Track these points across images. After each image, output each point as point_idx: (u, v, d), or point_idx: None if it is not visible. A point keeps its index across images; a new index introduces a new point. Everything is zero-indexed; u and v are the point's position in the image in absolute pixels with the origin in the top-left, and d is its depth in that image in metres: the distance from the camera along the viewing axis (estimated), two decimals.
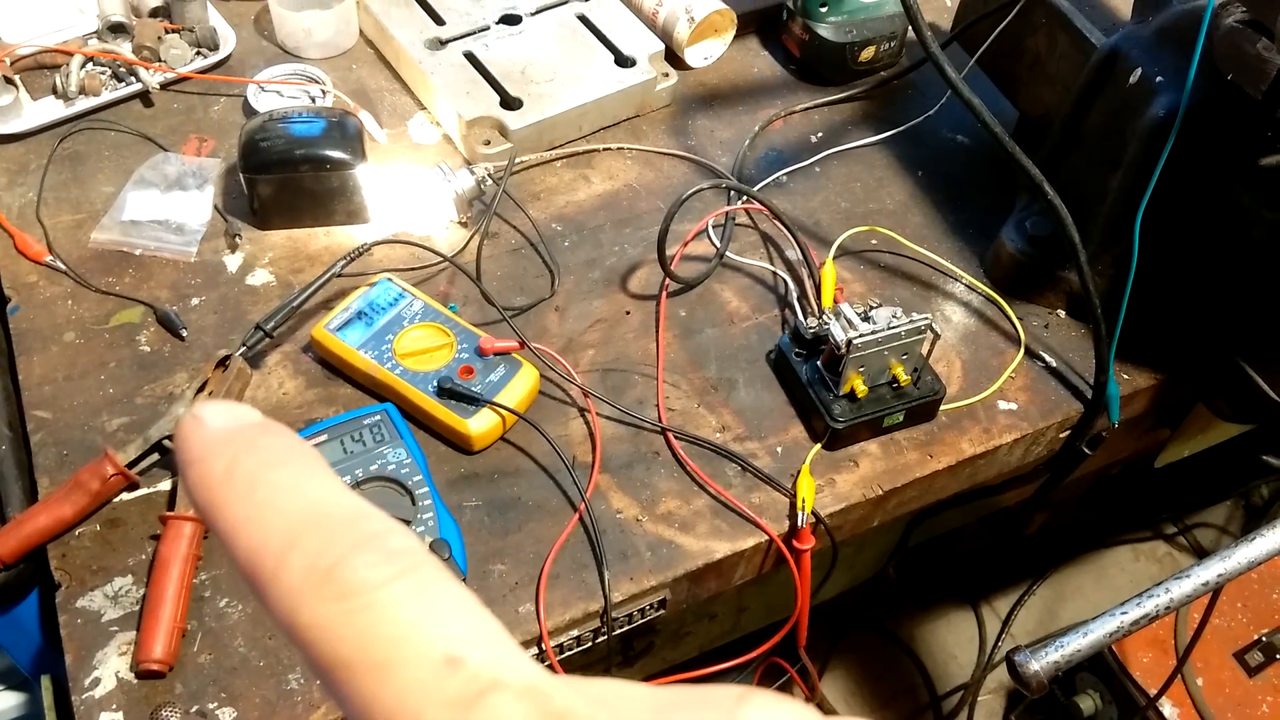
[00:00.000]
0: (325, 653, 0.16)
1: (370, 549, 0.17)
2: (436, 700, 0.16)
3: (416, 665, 0.16)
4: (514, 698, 0.16)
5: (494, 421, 0.76)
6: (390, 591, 0.16)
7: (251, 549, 0.17)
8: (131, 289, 0.84)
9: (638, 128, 1.02)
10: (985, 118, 0.69)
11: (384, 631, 0.16)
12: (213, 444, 0.18)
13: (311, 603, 0.16)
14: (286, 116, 0.87)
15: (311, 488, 0.18)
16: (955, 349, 0.87)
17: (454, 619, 0.17)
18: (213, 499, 0.18)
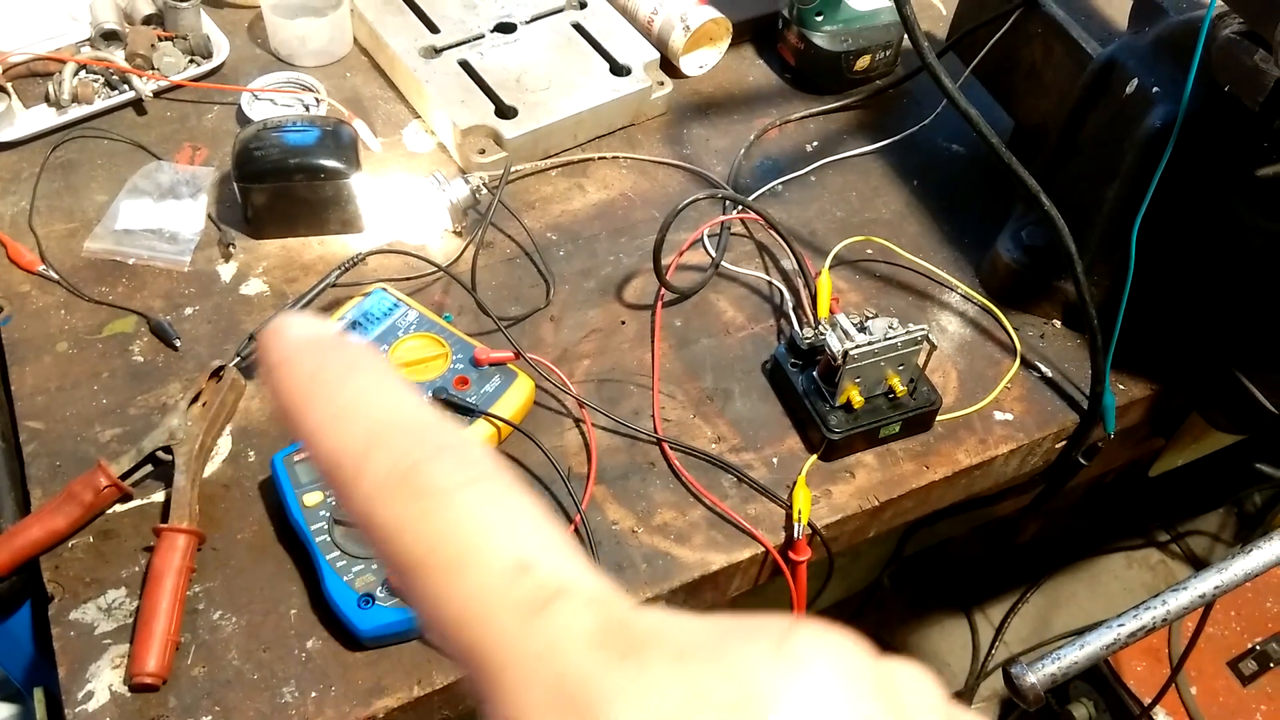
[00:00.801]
0: (400, 550, 0.17)
1: (447, 455, 0.17)
2: (506, 602, 0.16)
3: (488, 568, 0.16)
4: (581, 604, 0.16)
5: (489, 433, 0.75)
6: (465, 496, 0.17)
7: (334, 449, 0.18)
8: (125, 298, 0.84)
9: (633, 136, 1.02)
10: (981, 128, 0.69)
11: (458, 533, 0.17)
12: (298, 350, 0.19)
13: (390, 501, 0.17)
14: (280, 125, 0.87)
15: (391, 395, 0.18)
16: (951, 359, 0.87)
17: (525, 527, 0.17)
18: (297, 402, 0.18)
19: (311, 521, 0.68)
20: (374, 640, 0.66)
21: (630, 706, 0.15)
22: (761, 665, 0.16)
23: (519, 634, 0.16)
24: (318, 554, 0.67)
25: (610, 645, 0.16)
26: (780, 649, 0.16)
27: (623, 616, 0.16)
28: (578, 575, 0.17)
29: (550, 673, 0.15)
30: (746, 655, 0.16)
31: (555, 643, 0.16)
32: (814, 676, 0.16)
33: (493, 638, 0.16)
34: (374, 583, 0.66)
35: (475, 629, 0.16)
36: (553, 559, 0.17)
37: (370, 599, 0.65)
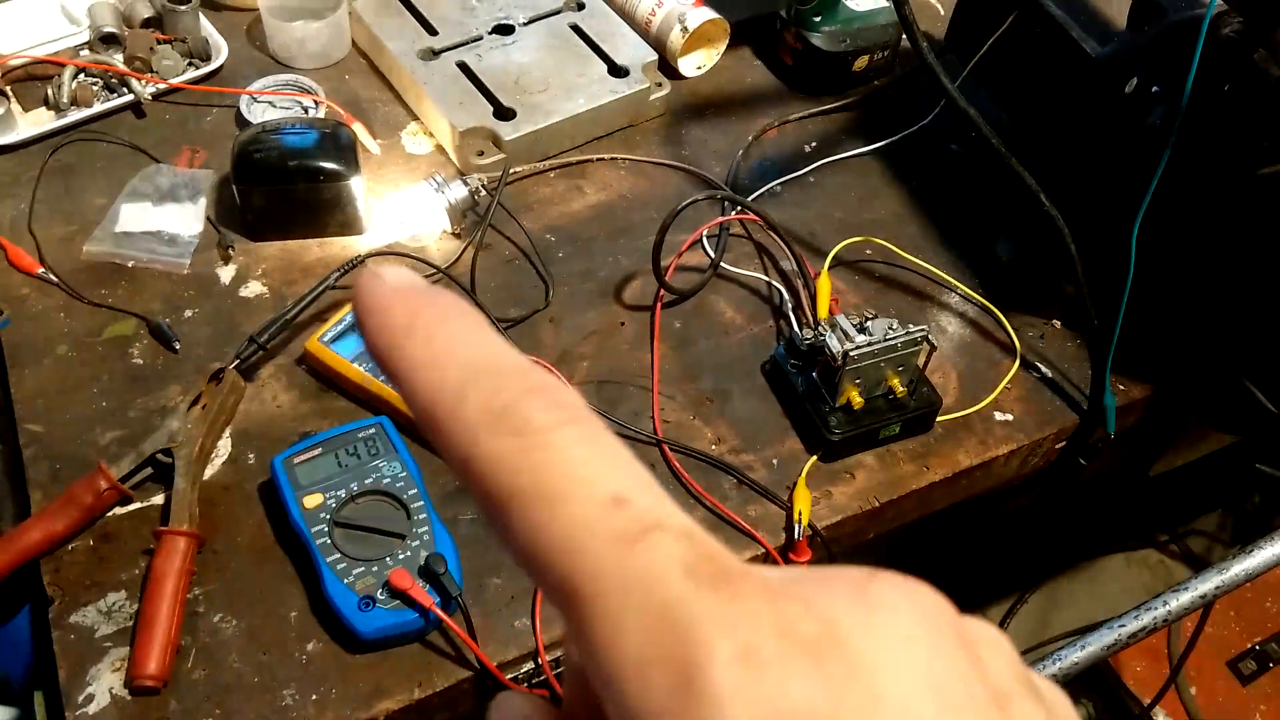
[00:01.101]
0: (497, 484, 0.17)
1: (542, 395, 0.18)
2: (603, 533, 0.17)
3: (585, 500, 0.17)
4: (674, 537, 0.17)
5: None
6: (561, 434, 0.17)
7: (430, 389, 0.18)
8: (124, 301, 0.84)
9: (631, 138, 1.02)
10: (982, 127, 0.69)
11: (555, 468, 0.17)
12: (392, 297, 0.20)
13: (487, 437, 0.18)
14: (279, 128, 0.87)
15: (484, 340, 0.19)
16: (951, 360, 0.87)
17: (618, 466, 0.18)
18: (393, 344, 0.19)
19: (311, 524, 0.68)
20: (374, 642, 0.66)
21: (723, 631, 0.16)
22: (845, 607, 0.17)
23: (616, 562, 0.16)
24: (318, 556, 0.67)
25: (704, 575, 0.16)
26: (863, 594, 0.17)
27: (713, 552, 0.17)
28: (669, 511, 0.17)
29: (647, 598, 0.16)
30: (830, 597, 0.17)
31: (652, 571, 0.16)
32: (896, 621, 0.17)
33: (590, 565, 0.16)
34: (374, 585, 0.66)
35: (573, 557, 0.17)
36: (645, 497, 0.17)
37: (370, 601, 0.65)
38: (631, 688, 0.16)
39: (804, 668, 0.15)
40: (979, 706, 0.16)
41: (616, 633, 0.16)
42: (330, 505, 0.69)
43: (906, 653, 0.16)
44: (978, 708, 0.16)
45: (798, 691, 0.15)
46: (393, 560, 0.67)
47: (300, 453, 0.71)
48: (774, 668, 0.15)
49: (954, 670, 0.17)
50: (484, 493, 0.18)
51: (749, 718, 0.15)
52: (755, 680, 0.15)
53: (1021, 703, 0.17)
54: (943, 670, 0.16)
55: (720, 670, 0.15)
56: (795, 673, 0.15)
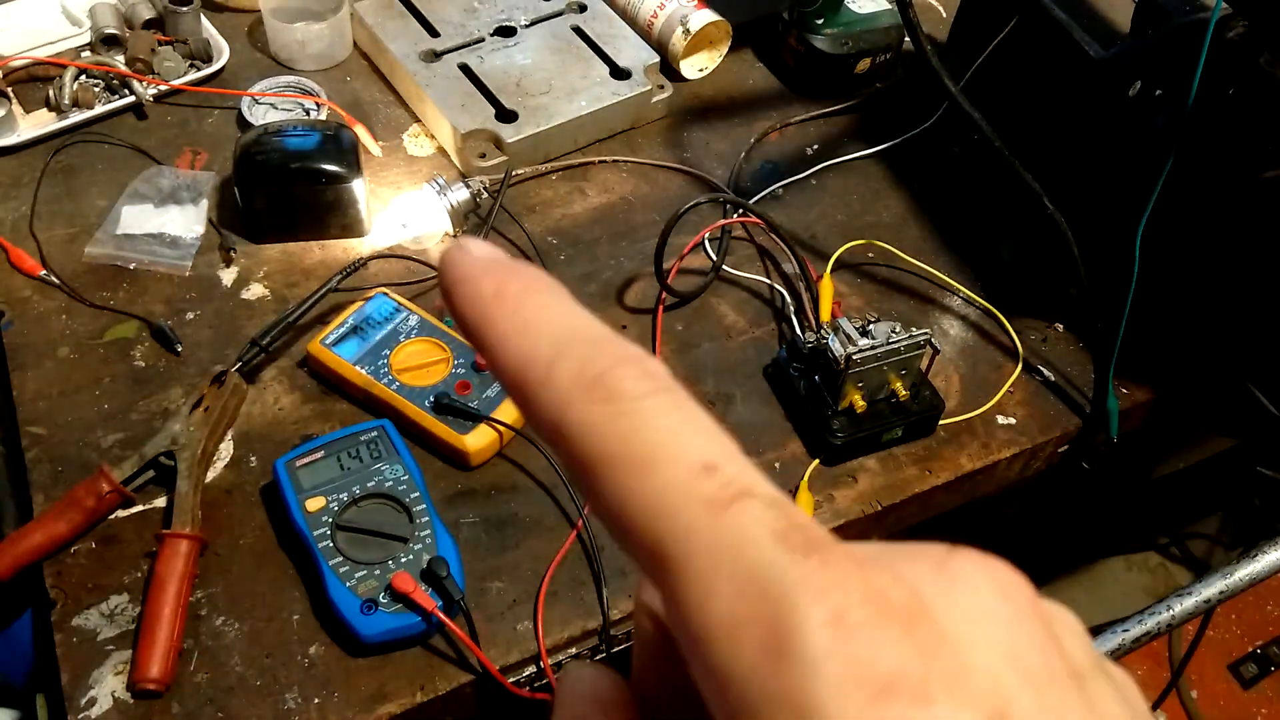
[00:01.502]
0: (589, 448, 0.18)
1: (632, 364, 0.18)
2: (693, 498, 0.17)
3: (676, 466, 0.17)
4: (764, 504, 0.17)
5: (491, 437, 0.75)
6: (652, 402, 0.18)
7: (521, 357, 0.19)
8: (126, 303, 0.84)
9: (633, 140, 1.02)
10: (985, 130, 0.69)
11: (646, 434, 0.17)
12: (479, 267, 0.20)
13: (580, 404, 0.18)
14: (281, 130, 0.87)
15: (571, 311, 0.20)
16: (954, 363, 0.86)
17: (707, 434, 0.18)
18: (483, 313, 0.19)
19: (314, 527, 0.68)
20: (376, 646, 0.66)
21: (815, 596, 0.16)
22: (928, 579, 0.17)
23: (707, 526, 0.17)
24: (320, 559, 0.67)
25: (795, 542, 0.16)
26: (945, 568, 0.18)
27: (801, 520, 0.17)
28: (757, 479, 0.18)
29: (738, 562, 0.16)
30: (914, 568, 0.17)
31: (743, 535, 0.16)
32: (978, 595, 0.17)
33: (681, 529, 0.17)
34: (376, 588, 0.66)
35: (663, 522, 0.17)
36: (734, 463, 0.18)
37: (373, 604, 0.65)
38: (722, 649, 0.16)
39: (894, 634, 0.16)
40: (1059, 682, 0.17)
41: (707, 595, 0.16)
42: (332, 508, 0.69)
43: (989, 626, 0.17)
44: (1058, 683, 0.17)
45: (889, 656, 0.15)
46: (395, 563, 0.67)
47: (302, 455, 0.71)
48: (865, 631, 0.16)
49: (1034, 646, 0.17)
50: (574, 458, 0.18)
51: (841, 679, 0.15)
52: (847, 643, 0.15)
53: (1097, 682, 0.18)
54: (1024, 645, 0.17)
55: (813, 633, 0.15)
56: (886, 638, 0.16)
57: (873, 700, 0.15)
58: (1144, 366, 0.86)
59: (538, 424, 0.19)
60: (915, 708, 0.15)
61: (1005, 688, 0.16)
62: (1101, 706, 0.17)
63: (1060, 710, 0.16)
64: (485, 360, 0.20)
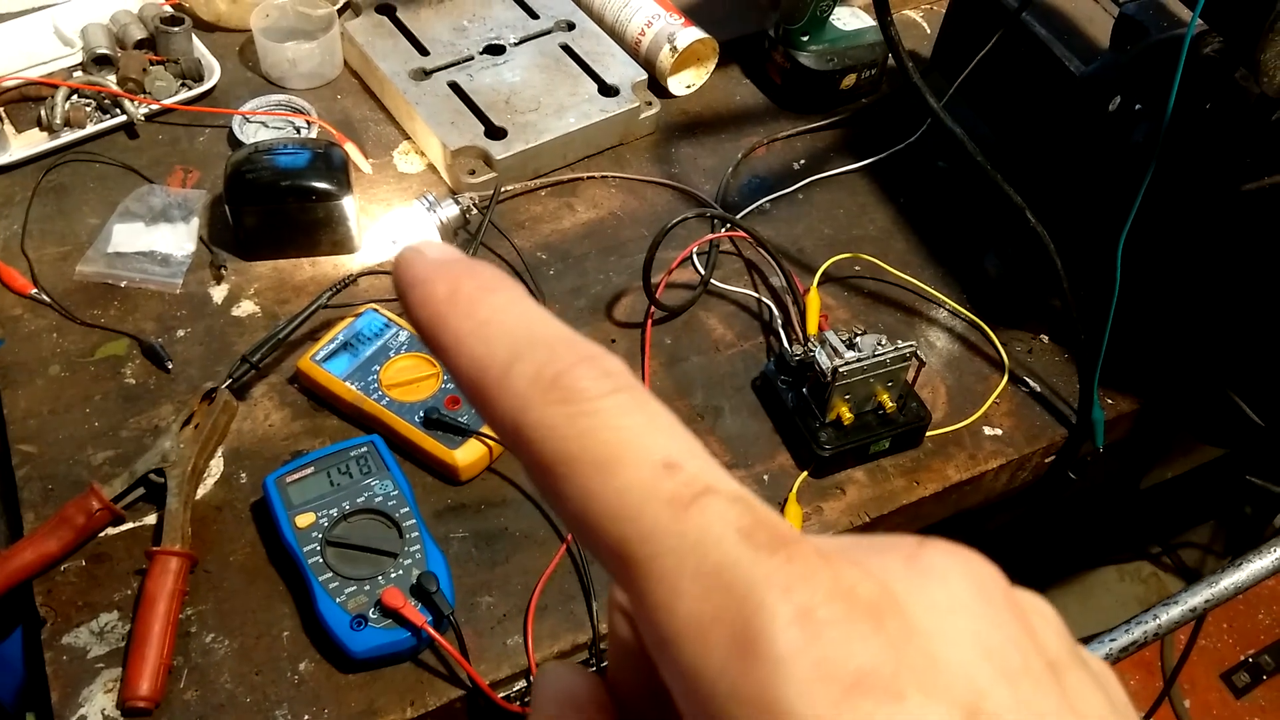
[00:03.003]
0: (548, 451, 0.18)
1: (590, 365, 0.18)
2: (656, 497, 0.17)
3: (637, 466, 0.17)
4: (728, 501, 0.17)
5: (481, 452, 0.76)
6: (611, 401, 0.18)
7: (476, 359, 0.19)
8: (117, 321, 0.84)
9: (622, 156, 1.03)
10: (968, 146, 0.69)
11: (606, 435, 0.17)
12: (434, 269, 0.20)
13: (538, 405, 0.18)
14: (272, 148, 0.87)
15: (528, 312, 0.19)
16: (940, 375, 0.87)
17: (667, 432, 0.18)
18: (437, 315, 0.19)
19: (304, 543, 0.68)
20: (366, 662, 0.66)
21: (782, 593, 0.16)
22: (898, 573, 0.17)
23: (670, 525, 0.17)
24: (310, 576, 0.67)
25: (760, 538, 0.16)
26: (915, 561, 0.17)
27: (765, 516, 0.17)
28: (719, 476, 0.17)
29: (703, 560, 0.16)
30: (883, 562, 0.17)
31: (707, 533, 0.16)
32: (949, 587, 0.17)
33: (644, 529, 0.17)
34: (366, 604, 0.66)
35: (626, 523, 0.17)
36: (696, 460, 0.17)
37: (362, 620, 0.65)
38: (689, 649, 0.16)
39: (864, 630, 0.16)
40: (1034, 674, 0.17)
41: (673, 595, 0.16)
42: (322, 524, 0.69)
43: (962, 619, 0.17)
44: (1033, 675, 0.16)
45: (858, 652, 0.15)
46: (385, 579, 0.67)
47: (292, 472, 0.71)
48: (833, 628, 0.15)
49: (1008, 638, 0.17)
50: (535, 461, 0.18)
51: (809, 677, 0.15)
52: (815, 640, 0.15)
53: (1074, 673, 0.17)
54: (998, 637, 0.17)
55: (780, 631, 0.15)
56: (855, 634, 0.15)
57: (843, 697, 0.15)
58: (1129, 377, 0.87)
59: (497, 427, 0.18)
60: (886, 704, 0.15)
61: (979, 681, 0.16)
62: (1079, 697, 0.17)
63: (1036, 702, 0.16)
64: (441, 363, 0.19)
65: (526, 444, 0.18)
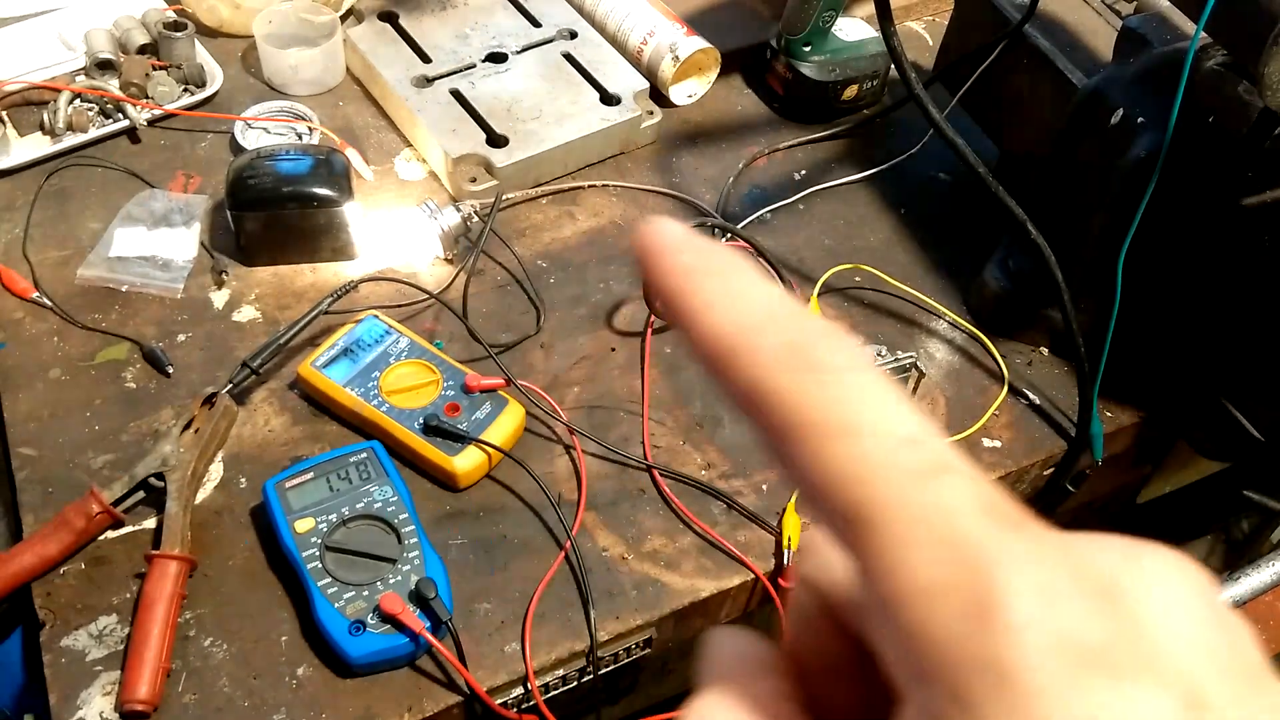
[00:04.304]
0: (791, 414, 0.18)
1: (833, 339, 0.19)
2: (898, 466, 0.18)
3: (881, 435, 0.18)
4: (967, 479, 0.17)
5: (480, 459, 0.76)
6: (858, 375, 0.19)
7: (724, 324, 0.19)
8: (118, 325, 0.84)
9: (623, 165, 1.03)
10: (969, 158, 0.70)
11: (852, 404, 0.18)
12: (678, 242, 0.21)
13: (786, 371, 0.19)
14: (274, 154, 0.87)
15: (772, 288, 0.20)
16: (939, 386, 0.87)
17: (909, 411, 0.18)
18: (684, 283, 0.20)
19: (303, 548, 0.68)
20: (364, 667, 0.66)
21: (1022, 567, 0.16)
22: (1123, 567, 0.18)
23: (912, 495, 0.17)
24: (309, 580, 0.67)
25: (999, 516, 0.17)
26: (1138, 559, 0.18)
27: (1000, 497, 0.18)
28: (956, 456, 0.18)
29: (942, 530, 0.17)
30: (1109, 556, 0.18)
31: (948, 506, 0.17)
32: (1169, 586, 0.18)
33: (884, 496, 0.17)
34: (364, 610, 0.66)
35: (864, 486, 0.17)
36: (935, 439, 0.18)
37: (361, 626, 0.65)
38: (918, 613, 0.17)
39: (1097, 608, 0.16)
40: (1248, 676, 0.17)
41: (907, 559, 0.17)
42: (321, 529, 0.69)
43: (1181, 616, 0.17)
44: (1248, 677, 0.17)
45: (1093, 629, 0.16)
46: (383, 585, 0.67)
47: (292, 477, 0.71)
48: (1070, 603, 0.16)
49: (1225, 641, 0.17)
50: (773, 424, 0.19)
51: (1045, 646, 0.16)
52: (1051, 613, 0.16)
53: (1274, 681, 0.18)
54: (1215, 639, 0.17)
55: (1018, 600, 0.16)
56: (1089, 611, 0.16)
57: (1075, 669, 0.16)
58: (1129, 390, 0.87)
59: (735, 389, 0.19)
60: (1115, 681, 0.16)
61: (1198, 674, 0.16)
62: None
63: (1250, 700, 0.17)
64: (683, 327, 0.20)
65: (768, 407, 0.19)
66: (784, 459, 0.19)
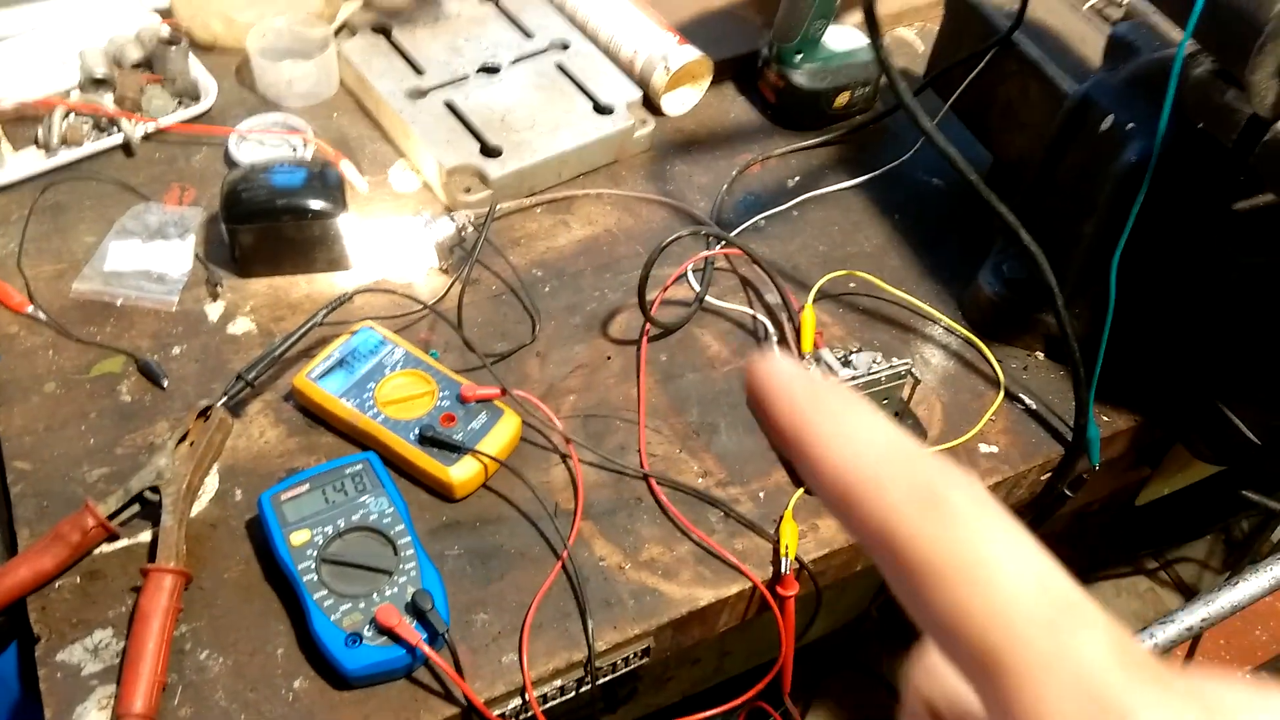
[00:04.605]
0: (920, 557, 0.18)
1: (958, 482, 0.19)
2: (1032, 614, 0.18)
3: (1013, 582, 0.18)
4: (1103, 630, 0.18)
5: (476, 469, 0.76)
6: (985, 519, 0.19)
7: (846, 465, 0.20)
8: (112, 338, 0.84)
9: (617, 173, 1.03)
10: (960, 165, 0.70)
11: (983, 549, 0.18)
12: (793, 378, 0.21)
13: (914, 515, 0.19)
14: (268, 167, 0.88)
15: (888, 426, 0.20)
16: (936, 392, 0.87)
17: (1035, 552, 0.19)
18: (804, 420, 0.20)
19: (298, 560, 0.68)
20: (361, 680, 0.66)
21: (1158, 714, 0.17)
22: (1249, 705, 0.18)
23: (1047, 645, 0.17)
24: (304, 593, 0.67)
25: (1135, 667, 0.17)
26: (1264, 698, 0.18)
27: (1133, 644, 0.18)
28: (1086, 599, 0.18)
29: (1079, 680, 0.17)
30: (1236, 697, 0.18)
31: (1085, 658, 0.17)
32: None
33: (1017, 641, 0.18)
34: (361, 622, 0.66)
35: (998, 633, 0.18)
36: (1064, 581, 0.18)
37: (357, 638, 0.65)
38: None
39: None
40: None
41: (1041, 706, 0.17)
42: (317, 541, 0.69)
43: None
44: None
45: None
46: (379, 596, 0.67)
47: (287, 489, 0.71)
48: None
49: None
50: (902, 566, 0.19)
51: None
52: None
53: None
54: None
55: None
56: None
57: None
58: (1125, 394, 0.87)
59: (860, 529, 0.19)
60: None
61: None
62: None
63: None
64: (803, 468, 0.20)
65: (896, 548, 0.19)
66: (912, 599, 0.19)
